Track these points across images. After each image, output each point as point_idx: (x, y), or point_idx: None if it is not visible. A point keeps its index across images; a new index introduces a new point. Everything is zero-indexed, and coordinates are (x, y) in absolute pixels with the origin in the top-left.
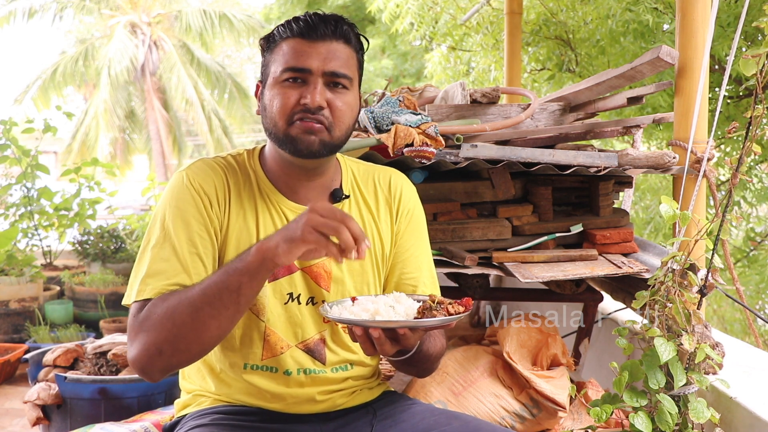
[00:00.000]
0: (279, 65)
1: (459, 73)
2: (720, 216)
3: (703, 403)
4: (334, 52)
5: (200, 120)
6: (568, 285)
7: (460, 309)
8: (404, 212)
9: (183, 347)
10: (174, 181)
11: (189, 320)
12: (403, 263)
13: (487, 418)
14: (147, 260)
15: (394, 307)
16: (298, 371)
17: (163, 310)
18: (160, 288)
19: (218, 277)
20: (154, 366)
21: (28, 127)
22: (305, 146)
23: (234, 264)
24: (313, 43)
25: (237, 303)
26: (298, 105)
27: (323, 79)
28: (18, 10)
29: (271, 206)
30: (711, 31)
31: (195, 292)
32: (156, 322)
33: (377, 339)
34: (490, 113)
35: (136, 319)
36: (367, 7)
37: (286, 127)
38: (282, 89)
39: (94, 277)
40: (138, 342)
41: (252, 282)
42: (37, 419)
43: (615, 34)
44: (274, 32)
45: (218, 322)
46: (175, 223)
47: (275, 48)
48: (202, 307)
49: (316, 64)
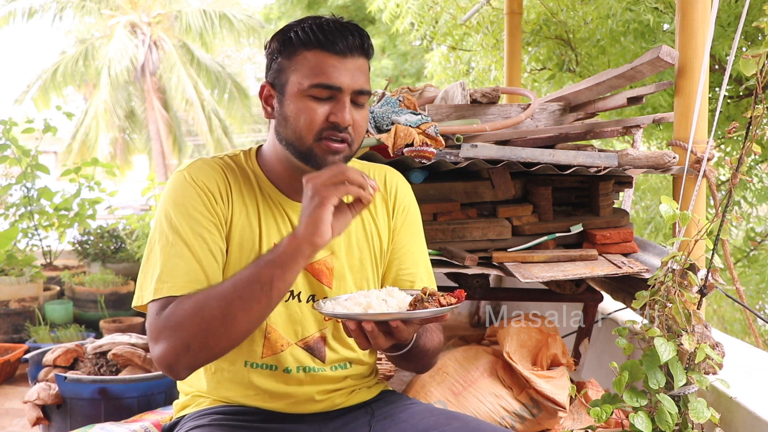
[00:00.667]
0: (305, 78)
1: (459, 73)
2: (720, 216)
3: (703, 403)
4: (360, 69)
5: (200, 120)
6: (568, 285)
7: (452, 300)
8: (400, 209)
9: (212, 342)
10: (174, 180)
11: (219, 314)
12: (400, 259)
13: (487, 418)
14: (158, 259)
15: (386, 301)
16: (297, 369)
17: (191, 306)
18: (179, 285)
19: (250, 270)
20: (180, 363)
21: (28, 127)
22: (328, 164)
23: (266, 256)
24: (343, 60)
25: (269, 296)
26: (326, 122)
27: (350, 97)
28: (18, 10)
29: (273, 204)
30: (711, 31)
31: (226, 286)
32: (183, 318)
33: (370, 332)
34: (490, 113)
35: (158, 317)
36: (367, 7)
37: (312, 143)
38: (310, 104)
39: (94, 277)
40: (163, 340)
41: (285, 274)
42: (37, 419)
43: (615, 33)
44: (292, 36)
45: (248, 316)
46: (181, 220)
47: (296, 56)
48: (233, 301)
49: (347, 82)
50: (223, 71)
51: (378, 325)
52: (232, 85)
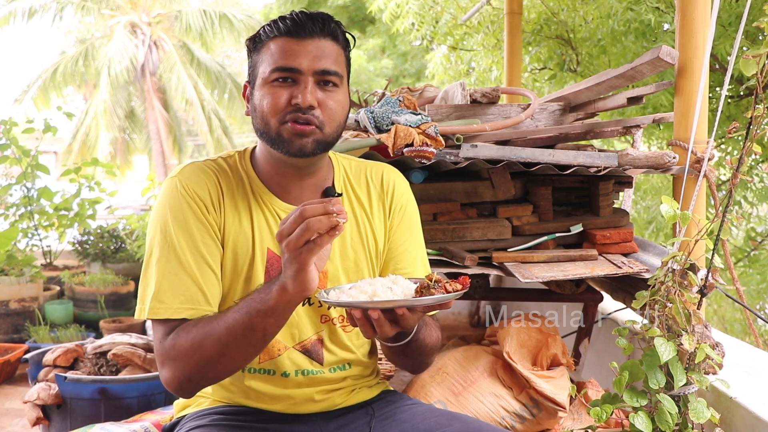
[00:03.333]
0: (267, 65)
1: (460, 73)
2: (720, 216)
3: (703, 403)
4: (323, 50)
5: (200, 120)
6: (568, 285)
7: (458, 287)
8: (397, 207)
9: (211, 375)
10: (167, 189)
11: (216, 355)
12: (397, 258)
13: (487, 418)
14: (154, 276)
15: (391, 288)
16: (296, 373)
17: (189, 343)
18: (176, 307)
19: (242, 317)
20: (184, 389)
21: (29, 127)
22: (297, 148)
23: (256, 306)
24: (302, 42)
25: (263, 341)
26: (289, 105)
27: (313, 78)
28: (18, 10)
29: (265, 207)
30: (711, 31)
31: (220, 329)
32: (182, 353)
33: (376, 320)
34: (490, 113)
35: (162, 345)
36: (367, 7)
37: (278, 126)
38: (272, 89)
39: (94, 277)
40: (168, 368)
41: (278, 322)
42: (37, 419)
43: (616, 33)
44: (260, 32)
45: (244, 354)
46: (176, 234)
47: (262, 48)
48: (228, 344)
49: (305, 63)
50: (223, 71)
51: (384, 313)
52: (232, 85)
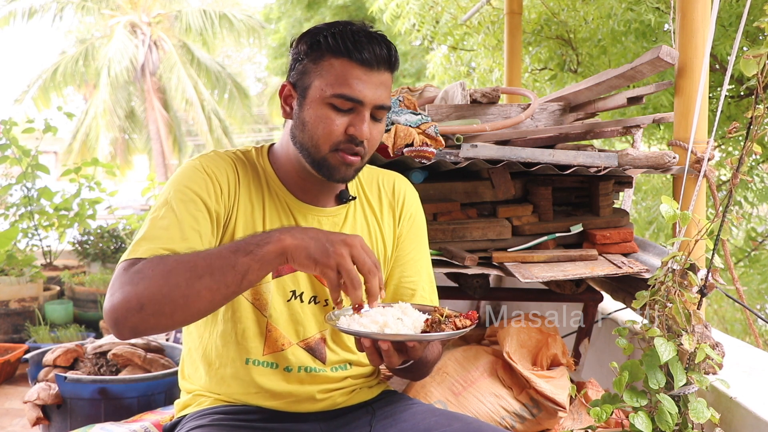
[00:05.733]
0: (328, 85)
1: (460, 73)
2: (720, 216)
3: (703, 403)
4: (384, 84)
5: (200, 120)
6: (568, 285)
7: (467, 323)
8: (407, 216)
9: (167, 310)
10: (186, 165)
11: (184, 284)
12: (403, 267)
13: (487, 418)
14: (146, 226)
15: (402, 320)
16: (298, 369)
17: (159, 268)
18: (154, 250)
19: (227, 252)
20: (128, 320)
21: (29, 127)
22: (341, 176)
23: (247, 246)
24: (369, 73)
25: (239, 285)
26: (345, 135)
27: (370, 111)
28: (18, 10)
29: (279, 203)
30: (711, 31)
31: (199, 259)
32: (147, 276)
33: (386, 351)
34: (490, 113)
35: (125, 272)
36: (368, 7)
37: (328, 152)
38: (329, 113)
39: (94, 277)
40: (120, 292)
41: (261, 270)
42: (37, 419)
43: (616, 33)
44: (321, 41)
45: (212, 296)
46: (180, 197)
47: (322, 61)
48: (202, 276)
49: (369, 96)
50: (223, 71)
51: (393, 344)
52: (232, 85)
